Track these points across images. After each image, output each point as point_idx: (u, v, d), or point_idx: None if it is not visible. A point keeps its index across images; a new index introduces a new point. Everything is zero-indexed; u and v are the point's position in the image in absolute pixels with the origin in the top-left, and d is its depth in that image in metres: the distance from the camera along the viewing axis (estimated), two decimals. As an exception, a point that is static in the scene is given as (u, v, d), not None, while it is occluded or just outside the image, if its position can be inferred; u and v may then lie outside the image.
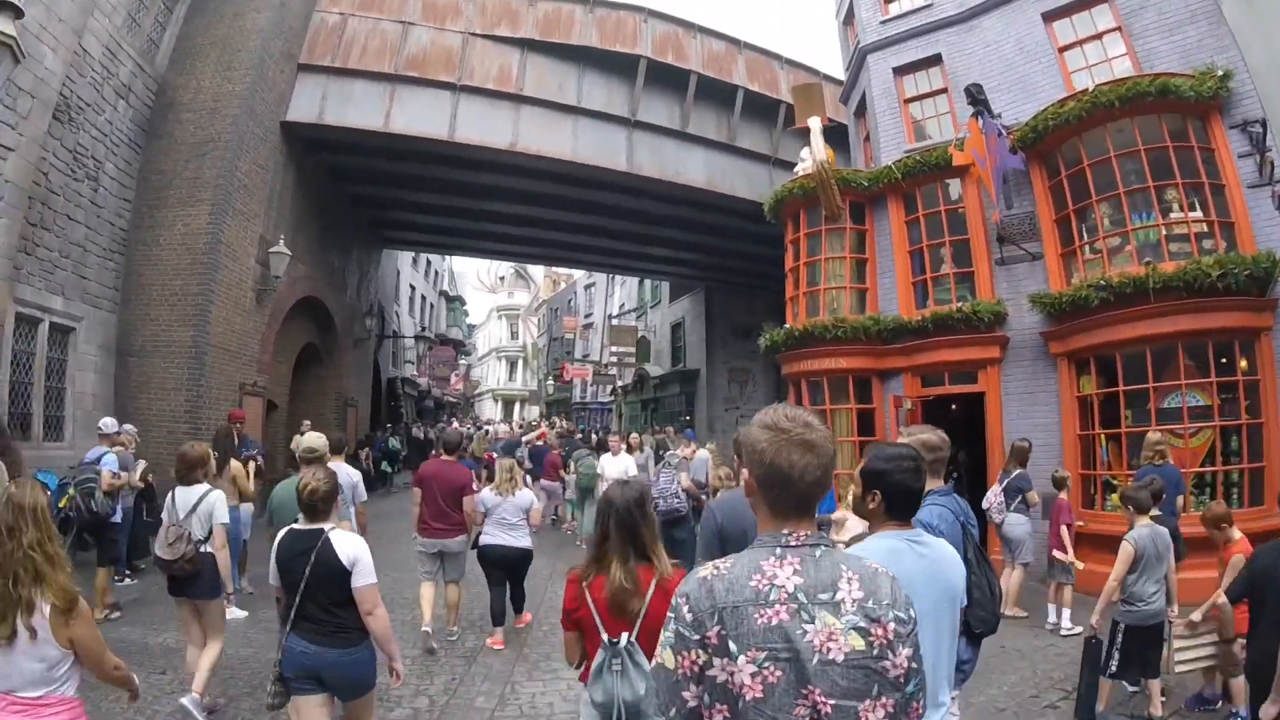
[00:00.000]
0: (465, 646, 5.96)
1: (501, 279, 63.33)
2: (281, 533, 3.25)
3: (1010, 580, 6.88)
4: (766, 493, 1.40)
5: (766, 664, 1.23)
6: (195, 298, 9.83)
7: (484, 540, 5.94)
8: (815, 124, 10.96)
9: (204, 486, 4.48)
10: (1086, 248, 8.48)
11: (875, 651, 1.26)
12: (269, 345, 11.95)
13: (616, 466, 9.05)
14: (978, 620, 2.57)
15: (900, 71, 11.14)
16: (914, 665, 1.30)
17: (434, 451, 11.95)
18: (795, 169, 11.99)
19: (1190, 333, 7.34)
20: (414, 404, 28.13)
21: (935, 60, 10.58)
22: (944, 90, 10.52)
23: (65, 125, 8.70)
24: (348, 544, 3.11)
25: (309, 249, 13.65)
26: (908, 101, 11.07)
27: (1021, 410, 8.66)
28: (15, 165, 7.34)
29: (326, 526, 3.15)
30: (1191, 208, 7.90)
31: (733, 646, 1.24)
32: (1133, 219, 8.05)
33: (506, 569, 6.00)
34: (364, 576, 3.07)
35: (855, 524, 3.81)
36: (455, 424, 31.58)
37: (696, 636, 1.27)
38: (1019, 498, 6.94)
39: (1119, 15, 8.79)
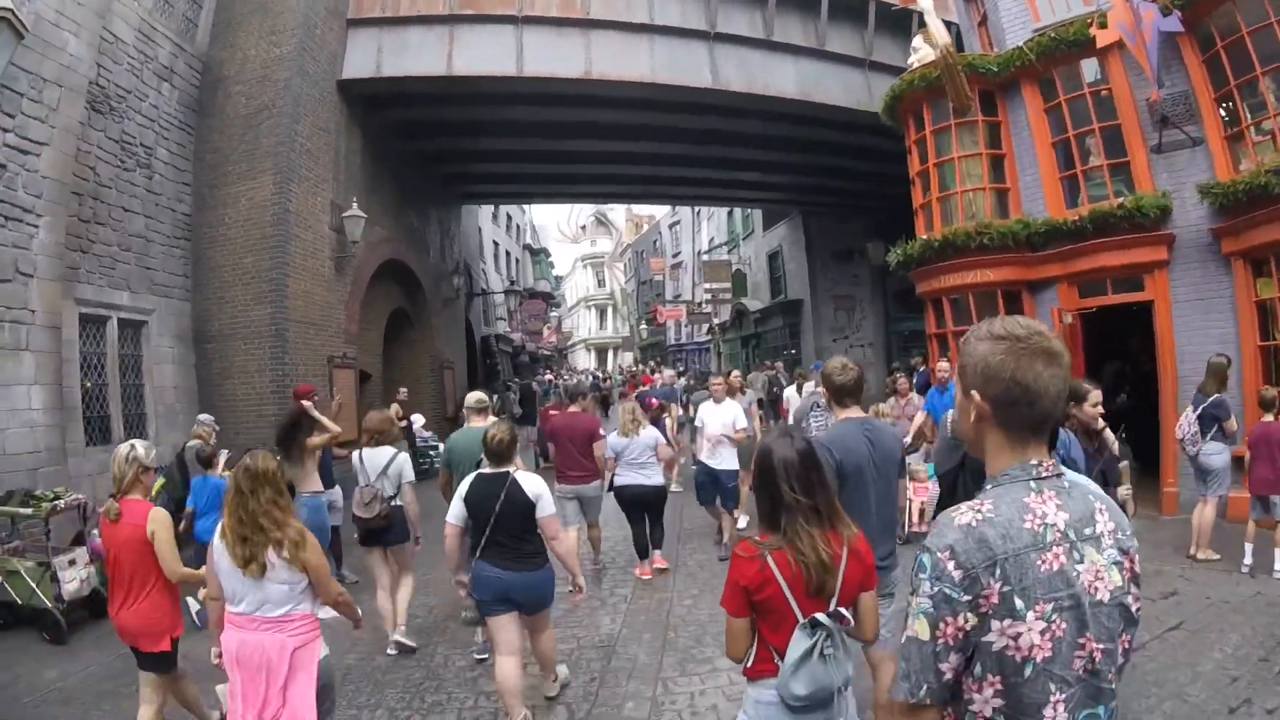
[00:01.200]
0: (605, 588, 6.32)
1: (583, 228, 63.02)
2: (470, 478, 3.75)
3: (1203, 518, 6.03)
4: (1003, 413, 1.21)
5: (1053, 616, 1.08)
6: (269, 273, 9.38)
7: (617, 481, 6.32)
8: (927, 3, 9.34)
9: (390, 450, 5.06)
10: (1253, 129, 7.20)
11: (1125, 586, 1.17)
12: (354, 314, 11.53)
13: (721, 416, 6.92)
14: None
15: None
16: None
17: (553, 403, 11.51)
18: (909, 60, 10.29)
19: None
20: (509, 360, 28.03)
21: None
22: None
23: (107, 116, 8.25)
24: (531, 482, 3.68)
25: (385, 212, 13.09)
26: None
27: (1193, 320, 7.56)
28: (51, 159, 6.95)
29: (511, 469, 3.72)
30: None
31: (1018, 603, 1.08)
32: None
33: (643, 507, 6.32)
34: (547, 509, 3.66)
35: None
36: (550, 376, 31.51)
37: (968, 598, 1.09)
38: (1215, 426, 5.95)
39: None
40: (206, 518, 5.39)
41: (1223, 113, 7.54)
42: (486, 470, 3.73)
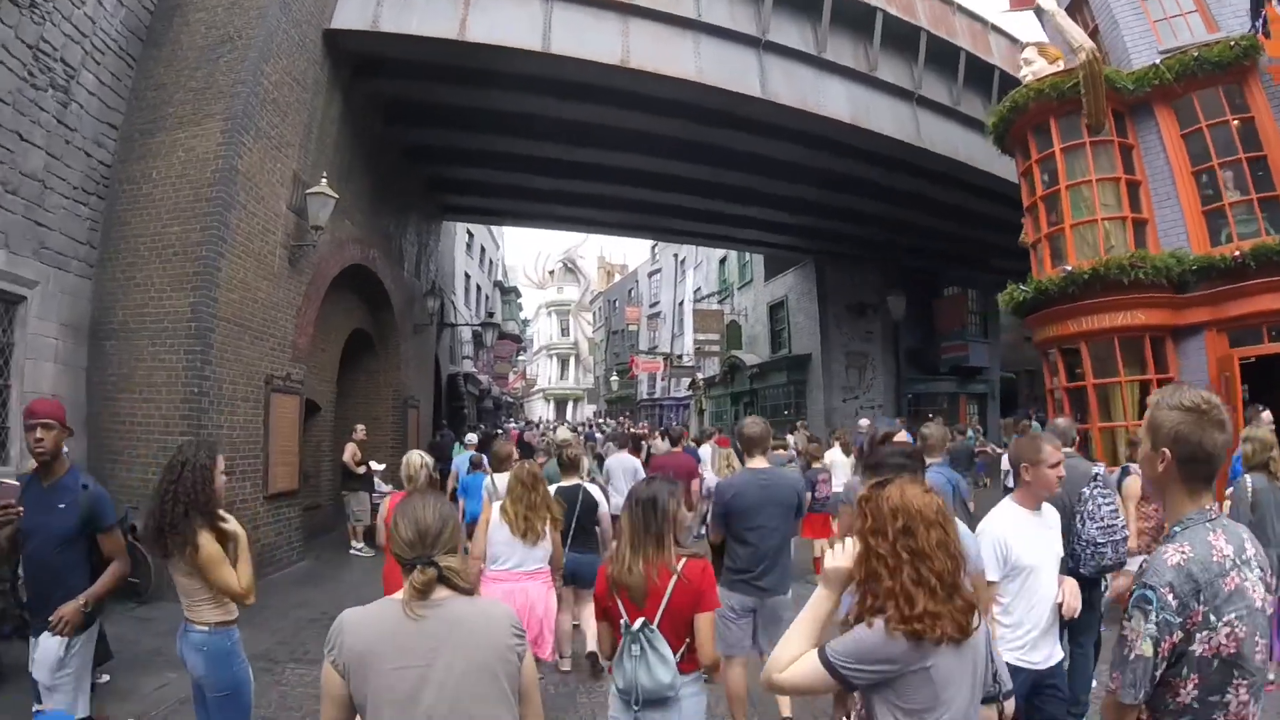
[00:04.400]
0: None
1: (551, 273, 61.58)
2: (551, 490, 4.47)
3: None
4: (1187, 469, 1.54)
5: (1236, 623, 1.43)
6: (197, 249, 6.76)
7: None
8: (1051, 3, 8.30)
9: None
10: None
11: (1266, 594, 1.50)
12: (307, 325, 8.90)
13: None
14: None
15: None
16: None
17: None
18: (1021, 74, 8.67)
19: None
20: (475, 403, 25.19)
21: None
22: None
23: (23, 11, 6.07)
24: (595, 491, 5.02)
25: (358, 206, 10.61)
26: None
27: None
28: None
29: (580, 481, 5.06)
30: None
31: (1213, 618, 1.43)
32: None
33: None
34: (605, 507, 4.97)
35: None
36: (513, 426, 28.73)
37: (1180, 619, 1.42)
38: None
39: None
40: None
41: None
42: (564, 483, 5.00)
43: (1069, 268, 7.53)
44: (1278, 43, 6.95)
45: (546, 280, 60.89)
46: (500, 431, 18.01)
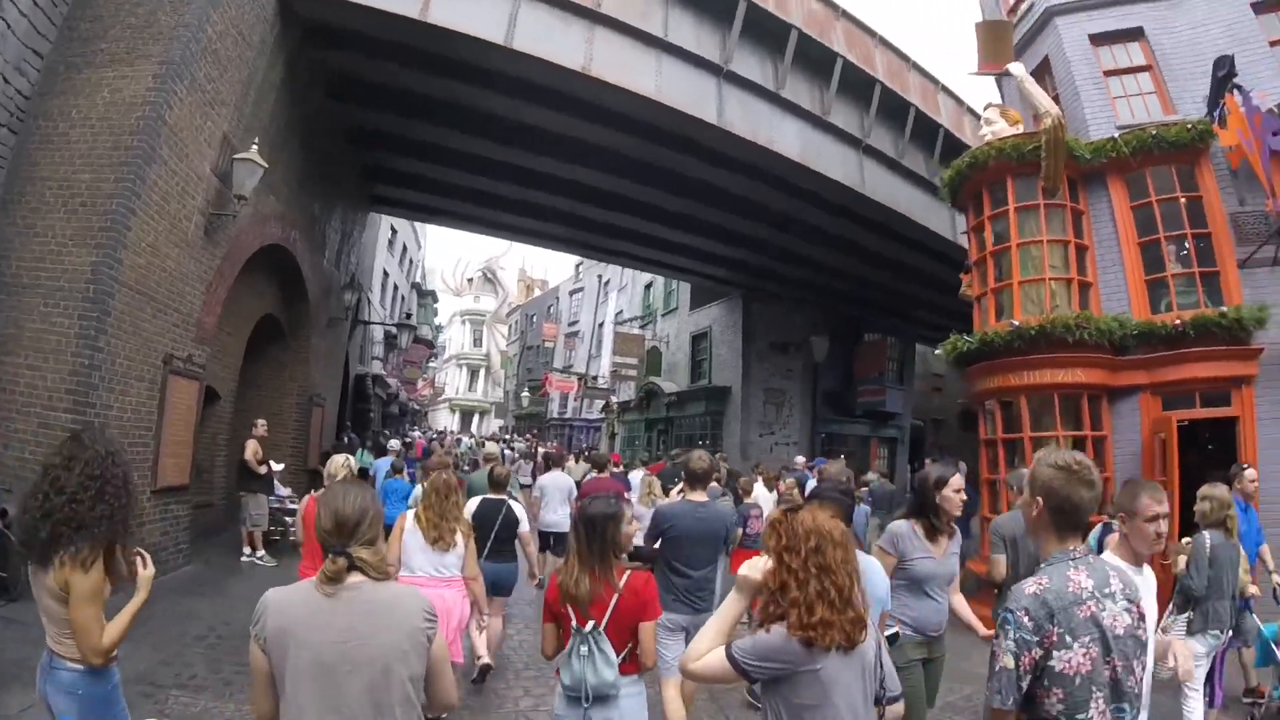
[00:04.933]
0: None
1: (470, 281, 60.20)
2: (476, 501, 5.16)
3: None
4: (1056, 518, 1.88)
5: (1089, 645, 1.72)
6: (108, 201, 5.90)
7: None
8: (1020, 70, 8.54)
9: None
10: None
11: (1135, 623, 1.80)
12: (216, 304, 8.02)
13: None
14: None
15: (1096, 41, 9.23)
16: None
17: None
18: (981, 130, 9.01)
19: None
20: (381, 407, 23.85)
21: (1136, 34, 9.06)
22: (1148, 68, 8.96)
23: None
24: (518, 508, 5.24)
25: (285, 181, 9.78)
26: (1107, 74, 9.08)
27: (1275, 438, 7.21)
28: None
29: (505, 498, 5.24)
30: None
31: (1068, 639, 1.72)
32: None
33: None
34: (525, 525, 5.22)
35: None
36: (418, 435, 27.45)
37: (1037, 638, 1.72)
38: None
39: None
40: None
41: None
42: (490, 496, 5.34)
43: (1016, 322, 7.74)
44: (1232, 133, 7.49)
45: (464, 288, 59.43)
46: (408, 441, 17.10)
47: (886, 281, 17.96)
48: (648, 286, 27.06)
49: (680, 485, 4.92)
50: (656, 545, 4.05)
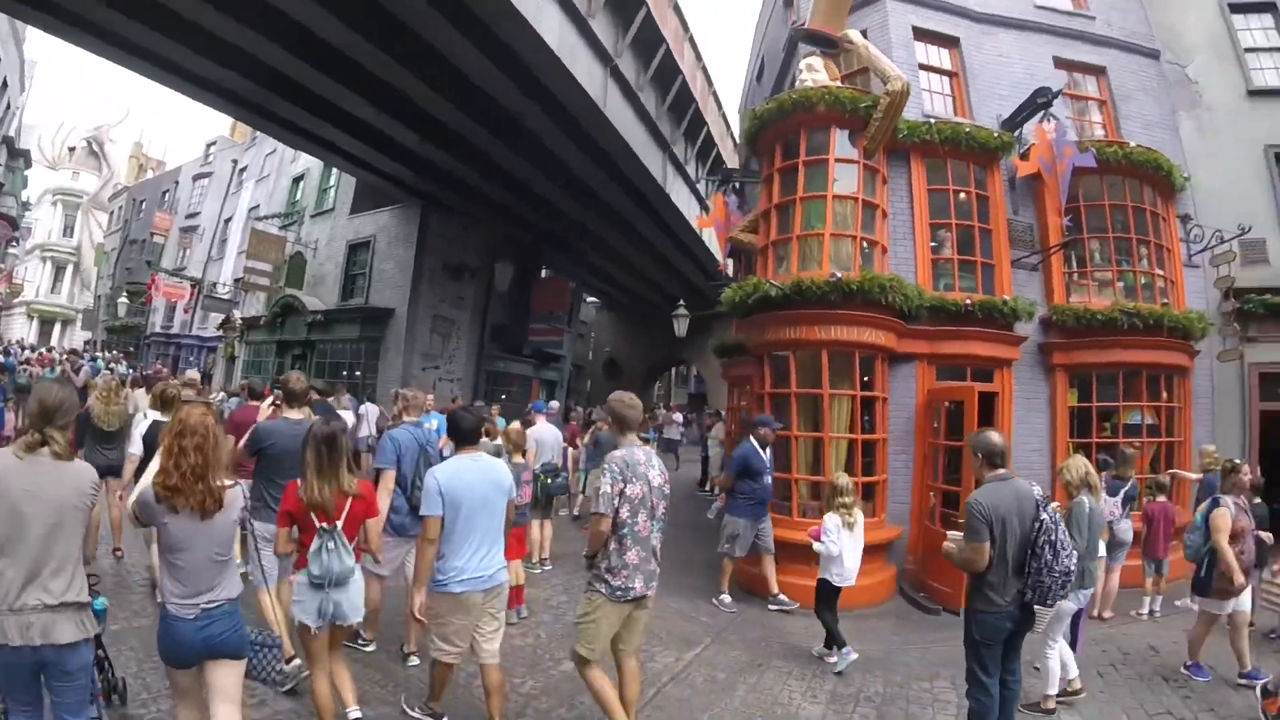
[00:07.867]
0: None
1: (71, 150, 46.38)
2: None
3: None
4: (619, 424, 3.68)
5: (639, 485, 3.48)
6: None
7: None
8: (860, 37, 8.57)
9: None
10: (1075, 275, 8.96)
11: (661, 484, 3.62)
12: None
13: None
14: None
15: (919, 35, 9.58)
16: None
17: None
18: (801, 78, 8.54)
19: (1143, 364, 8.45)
20: None
21: (953, 42, 9.67)
22: (954, 75, 9.64)
23: None
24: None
25: None
26: (922, 68, 9.55)
27: (1022, 416, 8.45)
28: None
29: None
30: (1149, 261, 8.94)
31: (632, 478, 3.47)
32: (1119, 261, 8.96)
33: None
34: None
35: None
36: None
37: (621, 476, 3.45)
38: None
39: (1109, 94, 9.86)
40: None
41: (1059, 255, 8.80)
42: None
43: (838, 275, 7.38)
44: (1033, 164, 8.22)
45: (64, 158, 45.31)
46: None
47: (576, 213, 16.28)
48: (297, 180, 22.02)
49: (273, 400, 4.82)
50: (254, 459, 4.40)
